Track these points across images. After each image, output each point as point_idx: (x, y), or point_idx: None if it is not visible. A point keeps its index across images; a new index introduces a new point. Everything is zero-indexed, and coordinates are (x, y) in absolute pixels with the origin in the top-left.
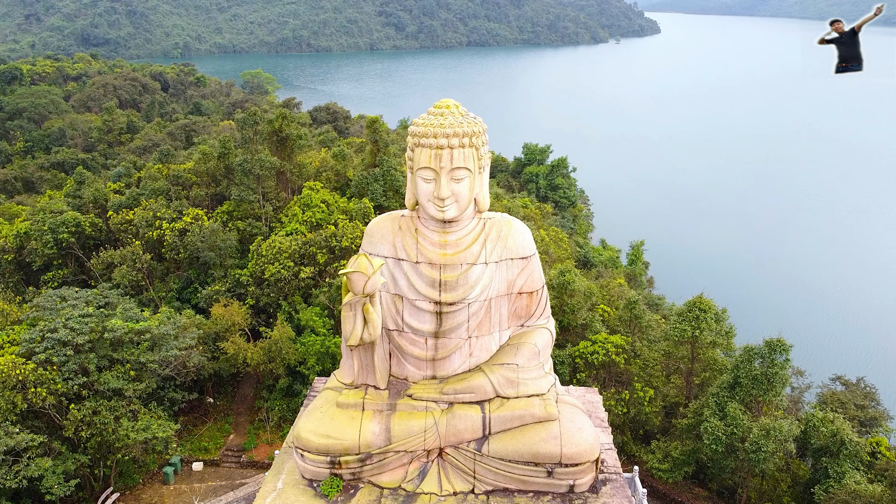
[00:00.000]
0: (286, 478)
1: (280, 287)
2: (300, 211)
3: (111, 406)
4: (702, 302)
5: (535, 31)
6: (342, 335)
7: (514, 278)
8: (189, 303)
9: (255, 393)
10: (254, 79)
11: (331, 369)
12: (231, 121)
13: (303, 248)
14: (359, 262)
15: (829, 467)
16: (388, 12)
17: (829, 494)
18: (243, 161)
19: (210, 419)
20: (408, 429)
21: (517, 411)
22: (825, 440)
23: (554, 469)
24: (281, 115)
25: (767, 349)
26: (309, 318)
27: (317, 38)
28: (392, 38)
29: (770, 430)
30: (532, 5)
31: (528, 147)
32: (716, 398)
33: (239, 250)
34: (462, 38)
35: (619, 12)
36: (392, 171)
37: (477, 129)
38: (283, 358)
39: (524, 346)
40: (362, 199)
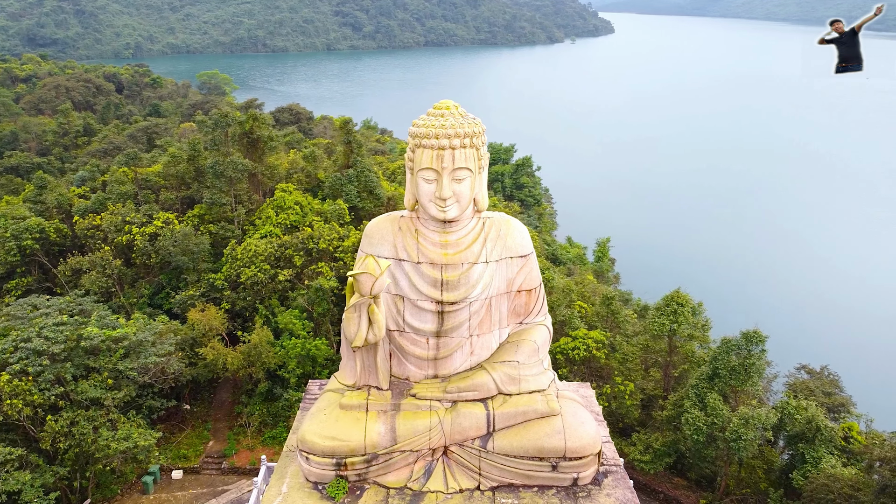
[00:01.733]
0: (290, 481)
1: (256, 290)
2: (274, 213)
3: (89, 416)
4: (679, 296)
5: (492, 32)
6: (345, 337)
7: (513, 276)
8: (161, 308)
9: (233, 398)
10: (210, 80)
11: (311, 372)
12: (192, 122)
13: (279, 251)
14: (366, 263)
15: (805, 453)
16: (345, 12)
17: (807, 479)
18: (215, 163)
19: (188, 426)
20: (413, 428)
21: (520, 407)
22: (801, 427)
23: (558, 463)
24: (252, 117)
25: (745, 341)
26: (288, 321)
27: (272, 38)
28: (349, 38)
29: (749, 419)
30: (488, 5)
31: (493, 147)
32: (695, 389)
33: (212, 254)
34: (419, 39)
35: (573, 12)
36: (366, 172)
37: (477, 129)
38: (262, 362)
39: (524, 344)
40: (336, 201)
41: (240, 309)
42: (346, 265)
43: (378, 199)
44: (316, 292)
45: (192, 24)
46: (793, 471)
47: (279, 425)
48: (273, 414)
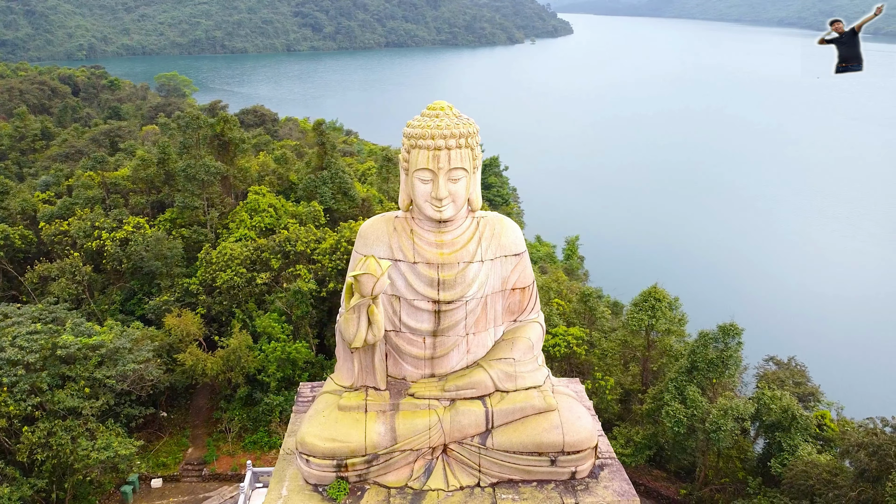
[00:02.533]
0: (290, 484)
1: (233, 294)
2: (248, 216)
3: (67, 426)
4: (656, 291)
5: (453, 32)
6: (342, 338)
7: (507, 275)
8: (133, 315)
9: (210, 404)
10: (169, 81)
11: (291, 376)
12: (155, 125)
13: (254, 254)
14: (368, 263)
15: (782, 441)
16: (305, 13)
17: (785, 467)
18: (187, 166)
19: (165, 434)
20: (413, 427)
21: (518, 404)
22: (777, 416)
23: (557, 457)
24: (223, 119)
25: (721, 333)
26: (267, 324)
27: (231, 40)
28: (309, 39)
29: (727, 410)
30: (448, 6)
31: None
32: (675, 383)
33: (185, 258)
34: (380, 39)
35: (532, 13)
36: (340, 174)
37: (471, 129)
38: (242, 367)
39: (519, 341)
40: (311, 203)
41: (216, 314)
42: (324, 267)
43: (353, 201)
44: (294, 295)
45: (147, 25)
46: (770, 459)
47: (260, 430)
48: (253, 419)
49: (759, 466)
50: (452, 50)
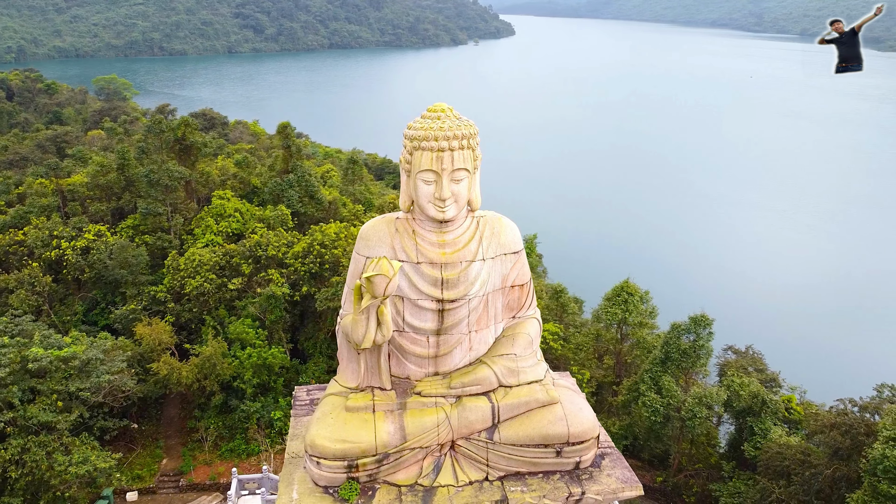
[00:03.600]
0: (299, 487)
1: (203, 301)
2: (213, 221)
3: (41, 441)
4: (628, 286)
5: (397, 34)
6: (346, 340)
7: (507, 272)
8: (96, 325)
9: (182, 414)
10: (109, 85)
11: (267, 382)
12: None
13: (223, 260)
14: (380, 264)
15: (753, 425)
16: (246, 14)
17: (759, 450)
18: (149, 171)
19: (138, 446)
20: (422, 425)
21: (522, 398)
22: (747, 401)
23: (562, 448)
24: (184, 123)
25: (693, 324)
26: (241, 330)
27: (170, 41)
28: (251, 41)
29: (701, 397)
30: (391, 7)
31: None
32: (650, 373)
33: (149, 266)
34: (324, 41)
35: (475, 14)
36: (306, 177)
37: (472, 131)
38: (217, 374)
39: (519, 337)
40: (278, 206)
41: (185, 321)
42: (296, 271)
43: (320, 204)
44: (268, 300)
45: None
46: (742, 443)
47: (237, 437)
48: (229, 427)
49: (731, 451)
50: (397, 51)
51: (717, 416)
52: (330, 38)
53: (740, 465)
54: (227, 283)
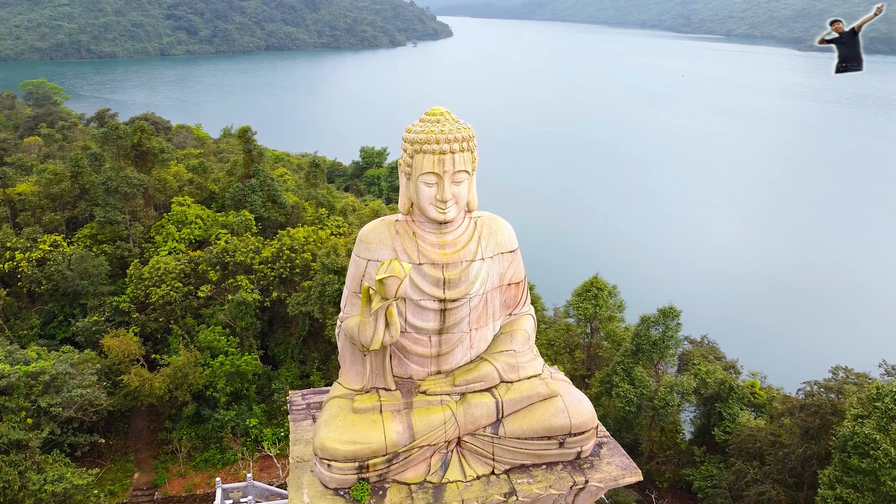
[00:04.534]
0: (309, 491)
1: (169, 310)
2: (175, 229)
3: (11, 461)
4: (597, 281)
5: (334, 35)
6: (349, 342)
7: (504, 271)
8: (54, 339)
9: (150, 426)
10: (38, 89)
11: (240, 389)
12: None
13: (189, 267)
14: (392, 266)
15: (722, 411)
16: (178, 15)
17: (729, 434)
18: (107, 179)
19: (107, 461)
20: (429, 423)
21: (524, 393)
22: (714, 388)
23: (565, 440)
24: (139, 128)
25: (662, 316)
26: (212, 338)
27: (98, 44)
28: (184, 43)
29: (673, 386)
30: (328, 9)
31: (366, 150)
32: (622, 365)
33: (109, 276)
34: (260, 43)
35: (413, 16)
36: (269, 181)
37: (471, 133)
38: (189, 384)
39: (517, 333)
40: (241, 212)
41: (151, 331)
42: (266, 277)
43: (283, 208)
44: (238, 306)
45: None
46: (712, 428)
47: (211, 447)
48: (202, 437)
49: (700, 436)
50: (335, 53)
51: (690, 404)
52: (266, 39)
53: (709, 449)
54: (193, 291)
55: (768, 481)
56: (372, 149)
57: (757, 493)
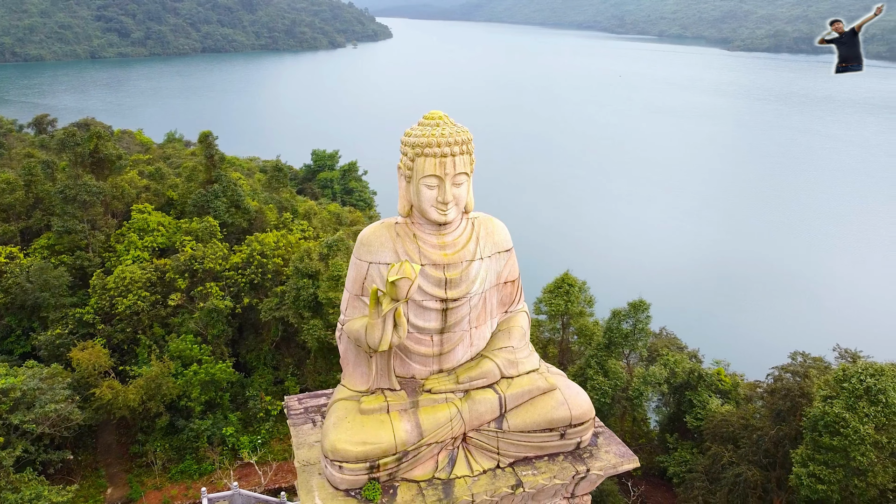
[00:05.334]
0: (320, 493)
1: (136, 320)
2: (137, 237)
3: None
4: (568, 278)
5: (273, 37)
6: (354, 344)
7: (501, 269)
8: (13, 354)
9: (120, 440)
10: None
11: (214, 398)
12: None
13: (154, 276)
14: (404, 268)
15: (692, 398)
16: (109, 17)
17: (701, 420)
18: (65, 188)
19: (76, 478)
20: (436, 420)
21: (525, 387)
22: (684, 377)
23: (566, 431)
24: (95, 135)
25: (632, 309)
26: (184, 347)
27: (23, 46)
28: (116, 45)
29: (646, 377)
30: (266, 10)
31: (317, 153)
32: (595, 358)
33: (69, 287)
34: (196, 45)
35: (352, 17)
36: (232, 186)
37: (469, 136)
38: (163, 395)
39: (514, 329)
40: (205, 218)
41: (118, 342)
42: (236, 283)
43: (247, 213)
44: (209, 314)
45: None
46: (684, 416)
47: (186, 458)
48: (177, 448)
49: (671, 424)
50: (274, 55)
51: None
52: (202, 41)
53: (681, 436)
54: (161, 300)
55: (743, 463)
56: (323, 152)
57: (734, 475)
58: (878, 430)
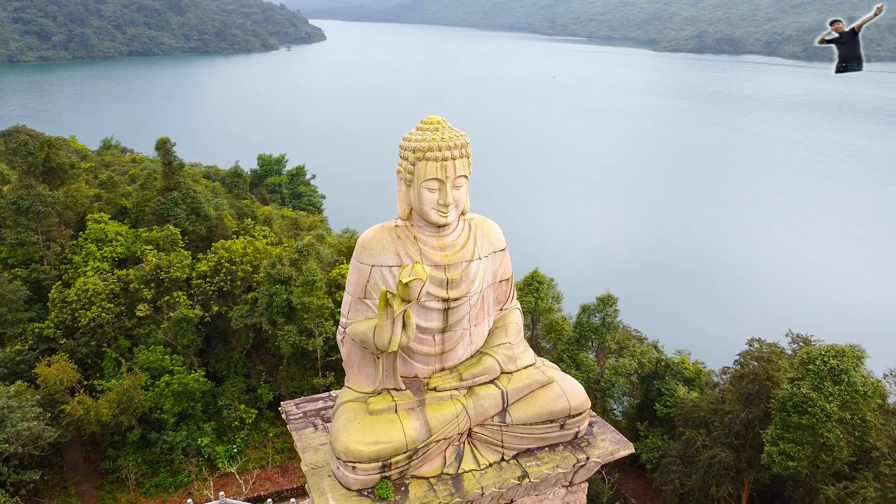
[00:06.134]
0: (333, 495)
1: (101, 333)
2: (95, 247)
3: None
4: (537, 275)
5: (203, 40)
6: (361, 346)
7: (497, 268)
8: None
9: (88, 456)
10: None
11: (188, 409)
12: None
13: (117, 286)
14: (416, 269)
15: (660, 387)
16: (27, 19)
17: (671, 407)
18: (18, 198)
19: (45, 498)
20: (443, 417)
21: (525, 381)
22: (653, 366)
23: (565, 422)
24: (47, 143)
25: (601, 304)
26: (155, 358)
27: None
28: (36, 49)
29: (618, 368)
30: (195, 12)
31: (264, 158)
32: (567, 353)
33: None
34: (122, 48)
35: (284, 20)
36: (192, 193)
37: (467, 140)
38: (135, 408)
39: (510, 326)
40: (166, 226)
41: (82, 356)
42: (204, 292)
43: (208, 220)
44: (178, 323)
45: None
46: (654, 404)
47: (161, 471)
48: (150, 462)
49: (640, 413)
50: (205, 58)
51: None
52: (129, 44)
53: (651, 424)
54: (125, 311)
55: (716, 446)
56: (270, 156)
57: (708, 457)
58: (842, 407)
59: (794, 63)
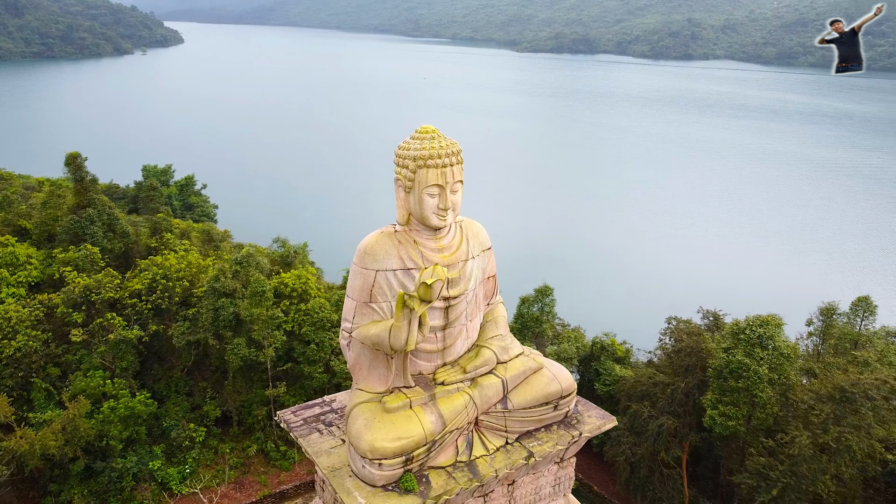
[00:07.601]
0: (360, 493)
1: (27, 363)
2: (7, 273)
3: None
4: None
5: (47, 43)
6: (373, 348)
7: (486, 266)
8: None
9: (21, 495)
10: None
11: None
12: None
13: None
14: (436, 271)
15: (598, 368)
16: None
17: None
18: None
19: None
20: (454, 409)
21: (520, 369)
22: (588, 350)
23: (558, 403)
24: None
25: (539, 295)
26: (95, 384)
27: None
28: None
29: (560, 353)
30: (35, 14)
31: (148, 169)
32: None
33: None
34: None
35: (137, 22)
36: (109, 210)
37: (459, 147)
38: (79, 437)
39: (499, 319)
40: (83, 245)
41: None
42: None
43: (126, 237)
44: (116, 346)
45: None
46: (594, 384)
47: (110, 501)
48: (97, 492)
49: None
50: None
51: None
52: None
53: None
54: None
55: (662, 415)
56: (155, 167)
57: (657, 426)
58: (771, 370)
59: (643, 62)
